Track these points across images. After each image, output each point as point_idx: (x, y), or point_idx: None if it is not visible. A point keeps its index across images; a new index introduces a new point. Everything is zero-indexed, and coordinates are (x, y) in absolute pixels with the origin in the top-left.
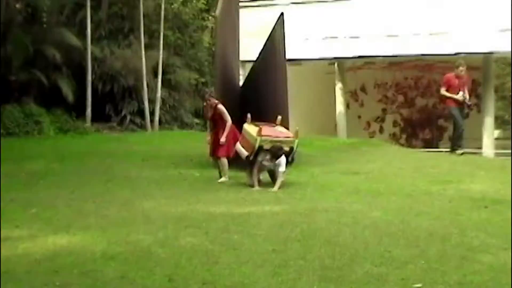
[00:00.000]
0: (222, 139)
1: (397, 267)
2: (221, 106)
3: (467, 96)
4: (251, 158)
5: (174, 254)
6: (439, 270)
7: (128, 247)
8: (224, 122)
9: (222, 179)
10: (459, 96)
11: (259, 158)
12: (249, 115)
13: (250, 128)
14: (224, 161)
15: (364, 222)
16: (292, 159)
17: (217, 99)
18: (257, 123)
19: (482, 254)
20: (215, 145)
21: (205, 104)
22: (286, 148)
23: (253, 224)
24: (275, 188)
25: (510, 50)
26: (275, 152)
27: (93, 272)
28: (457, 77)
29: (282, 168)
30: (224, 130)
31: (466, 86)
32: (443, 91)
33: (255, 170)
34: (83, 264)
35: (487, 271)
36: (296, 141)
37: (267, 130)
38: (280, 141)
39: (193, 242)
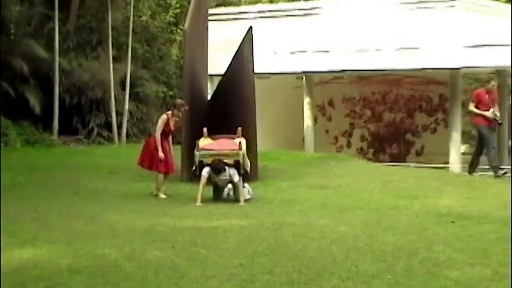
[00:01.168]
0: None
1: (364, 282)
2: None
3: (498, 114)
4: (196, 173)
5: (141, 268)
6: (405, 285)
7: (94, 261)
8: (173, 136)
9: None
10: (490, 113)
11: (203, 173)
12: (205, 130)
13: (203, 143)
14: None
15: (331, 237)
16: (246, 172)
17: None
18: (215, 136)
19: (449, 269)
20: (170, 160)
21: (169, 115)
22: (228, 161)
23: (220, 238)
24: (241, 201)
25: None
26: (215, 166)
27: (59, 286)
28: (488, 92)
29: (236, 178)
30: (168, 143)
31: (497, 102)
32: (472, 107)
33: (200, 185)
34: (49, 277)
35: (454, 286)
36: (241, 152)
37: (210, 143)
38: (221, 154)
39: (159, 256)
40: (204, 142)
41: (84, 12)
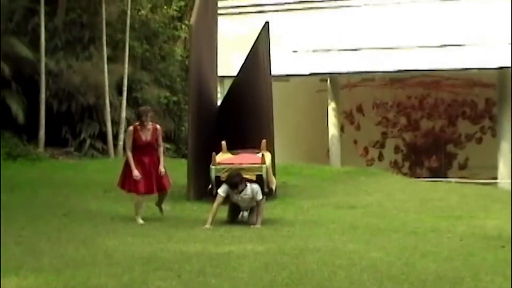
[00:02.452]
0: (162, 167)
1: None
2: (160, 127)
3: None
4: (213, 192)
5: None
6: None
7: None
8: (155, 147)
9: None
10: None
11: (220, 192)
12: (223, 143)
13: (220, 157)
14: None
15: (361, 264)
16: (271, 190)
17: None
18: (236, 151)
19: None
20: (153, 178)
21: (137, 125)
22: (250, 176)
23: (234, 266)
24: (258, 223)
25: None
26: (231, 180)
27: None
28: None
29: (259, 196)
30: (158, 157)
31: None
32: None
33: (214, 205)
34: None
35: None
36: (264, 166)
37: (229, 158)
38: (241, 169)
39: (163, 287)
40: (222, 157)
41: (74, 6)
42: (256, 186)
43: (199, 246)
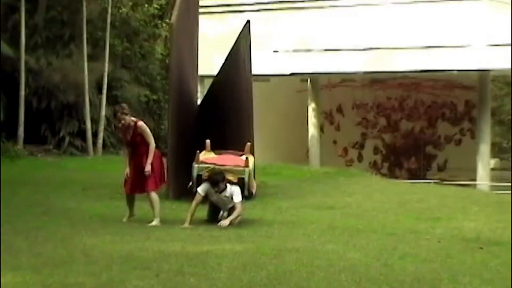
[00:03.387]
0: (147, 167)
1: None
2: (142, 124)
3: None
4: (193, 189)
5: None
6: None
7: None
8: (146, 145)
9: (154, 222)
10: None
11: (199, 190)
12: (208, 142)
13: (204, 156)
14: (155, 197)
15: (340, 265)
16: (251, 194)
17: (135, 116)
18: (219, 151)
19: None
20: (139, 178)
21: (119, 124)
22: (232, 178)
23: (212, 265)
24: (225, 222)
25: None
26: (213, 177)
27: None
28: None
29: (237, 198)
30: (145, 156)
31: None
32: None
33: (193, 203)
34: None
35: None
36: (247, 170)
37: (212, 158)
38: (224, 170)
39: (141, 286)
40: (205, 156)
41: (54, 3)
42: (236, 188)
43: (178, 245)
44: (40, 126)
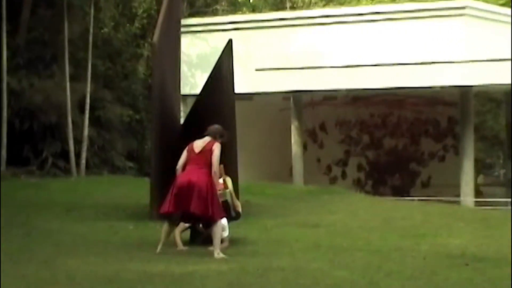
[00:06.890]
0: None
1: None
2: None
3: None
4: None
5: None
6: None
7: None
8: None
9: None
10: None
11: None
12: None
13: None
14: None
15: (325, 283)
16: (238, 213)
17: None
18: None
19: None
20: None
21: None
22: None
23: (197, 285)
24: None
25: (494, 83)
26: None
27: None
28: None
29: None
30: None
31: None
32: None
33: (176, 230)
34: None
35: None
36: (228, 191)
37: None
38: None
39: None
40: None
41: (36, 24)
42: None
43: (162, 266)
44: (22, 147)
